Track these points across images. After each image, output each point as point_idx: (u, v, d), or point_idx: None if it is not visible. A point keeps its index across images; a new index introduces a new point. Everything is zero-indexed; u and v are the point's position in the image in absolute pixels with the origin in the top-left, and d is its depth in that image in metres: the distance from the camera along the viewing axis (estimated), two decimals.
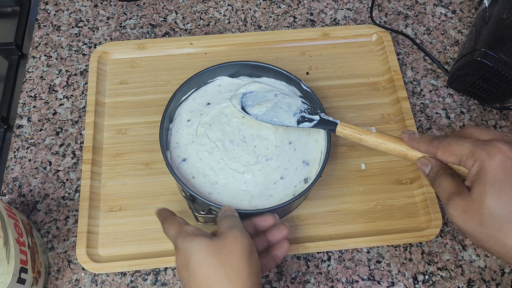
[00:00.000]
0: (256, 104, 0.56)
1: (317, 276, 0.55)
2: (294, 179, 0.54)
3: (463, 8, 0.75)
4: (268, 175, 0.54)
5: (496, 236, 0.35)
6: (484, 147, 0.37)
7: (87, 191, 0.57)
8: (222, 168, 0.54)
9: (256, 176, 0.53)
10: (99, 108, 0.63)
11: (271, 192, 0.53)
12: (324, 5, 0.75)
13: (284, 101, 0.56)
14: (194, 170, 0.54)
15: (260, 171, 0.54)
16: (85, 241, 0.54)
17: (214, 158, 0.54)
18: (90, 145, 0.60)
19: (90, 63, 0.66)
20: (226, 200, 0.52)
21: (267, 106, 0.55)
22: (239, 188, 0.53)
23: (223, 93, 0.59)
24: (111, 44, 0.68)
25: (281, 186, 0.53)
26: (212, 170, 0.54)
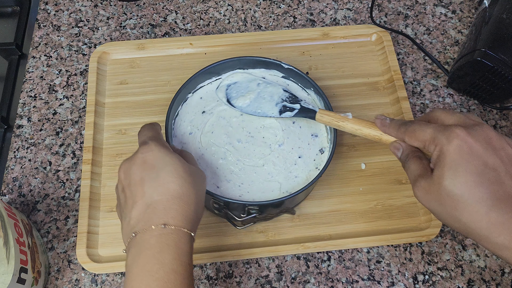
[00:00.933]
0: (240, 96, 0.57)
1: (317, 276, 0.55)
2: (311, 153, 0.55)
3: (463, 8, 0.75)
4: (286, 159, 0.55)
5: (453, 214, 0.38)
6: (443, 132, 0.39)
7: (87, 191, 0.57)
8: (242, 168, 0.54)
9: (276, 164, 0.54)
10: (99, 109, 0.63)
11: (296, 173, 0.54)
12: (324, 5, 0.75)
13: (267, 90, 0.57)
14: (216, 180, 0.54)
15: (278, 158, 0.55)
16: (85, 241, 0.54)
17: (230, 162, 0.54)
18: (90, 145, 0.60)
19: (90, 63, 0.66)
20: (257, 196, 0.53)
21: (250, 98, 0.56)
22: (264, 180, 0.54)
23: (211, 100, 0.59)
24: (111, 44, 0.68)
25: (302, 164, 0.55)
26: (233, 173, 0.54)
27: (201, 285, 0.54)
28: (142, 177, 0.40)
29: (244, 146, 0.55)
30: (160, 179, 0.40)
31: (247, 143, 0.55)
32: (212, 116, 0.57)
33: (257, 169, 0.54)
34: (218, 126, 0.56)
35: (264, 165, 0.54)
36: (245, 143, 0.55)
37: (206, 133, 0.56)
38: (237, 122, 0.56)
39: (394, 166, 0.61)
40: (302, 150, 0.56)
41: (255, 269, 0.55)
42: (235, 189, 0.53)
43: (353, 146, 0.62)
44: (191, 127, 0.57)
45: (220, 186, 0.53)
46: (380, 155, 0.62)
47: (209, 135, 0.56)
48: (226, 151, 0.55)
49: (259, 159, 0.55)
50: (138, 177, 0.40)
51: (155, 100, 0.65)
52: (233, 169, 0.54)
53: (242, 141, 0.55)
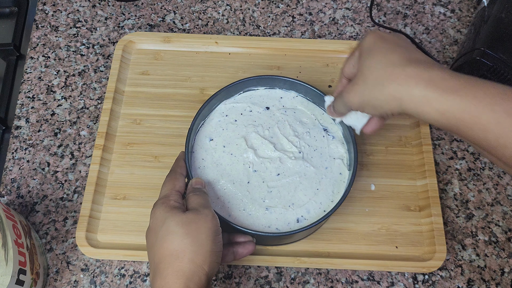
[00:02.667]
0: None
1: (316, 276, 0.55)
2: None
3: (462, 8, 0.75)
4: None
5: (378, 87, 0.40)
6: (361, 40, 0.45)
7: (94, 176, 0.58)
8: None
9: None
10: (117, 96, 0.64)
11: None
12: (323, 5, 0.75)
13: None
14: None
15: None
16: (86, 225, 0.55)
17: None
18: (104, 131, 0.61)
19: (115, 51, 0.66)
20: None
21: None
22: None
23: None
24: (138, 34, 0.68)
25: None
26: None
27: None
28: (151, 243, 0.43)
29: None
30: (158, 241, 0.42)
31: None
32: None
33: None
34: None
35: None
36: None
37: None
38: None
39: (405, 191, 0.59)
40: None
41: (255, 269, 0.55)
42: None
43: (365, 166, 0.61)
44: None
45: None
46: (392, 178, 0.60)
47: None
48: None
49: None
50: (149, 243, 0.44)
51: (173, 94, 0.65)
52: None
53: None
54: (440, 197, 0.59)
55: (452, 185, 0.61)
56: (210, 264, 0.41)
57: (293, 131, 0.56)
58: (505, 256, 0.56)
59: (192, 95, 0.65)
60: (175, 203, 0.45)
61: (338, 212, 0.57)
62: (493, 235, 0.58)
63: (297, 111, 0.58)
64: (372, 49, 0.42)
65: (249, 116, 0.58)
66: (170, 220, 0.42)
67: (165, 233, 0.41)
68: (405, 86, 0.38)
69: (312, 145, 0.56)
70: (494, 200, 0.60)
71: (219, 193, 0.53)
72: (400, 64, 0.39)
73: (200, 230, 0.41)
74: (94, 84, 0.67)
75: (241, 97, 0.59)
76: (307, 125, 0.57)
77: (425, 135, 0.62)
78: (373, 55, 0.42)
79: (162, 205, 0.44)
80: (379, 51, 0.41)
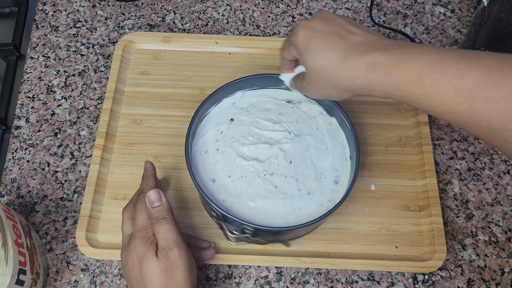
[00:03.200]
0: None
1: (316, 276, 0.55)
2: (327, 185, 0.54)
3: (462, 8, 0.75)
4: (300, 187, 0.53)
5: (330, 85, 0.43)
6: (292, 35, 0.45)
7: (94, 176, 0.58)
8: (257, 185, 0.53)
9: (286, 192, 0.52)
10: (117, 96, 0.64)
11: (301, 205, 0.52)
12: (322, 5, 0.75)
13: None
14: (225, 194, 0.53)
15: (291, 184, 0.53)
16: (86, 225, 0.55)
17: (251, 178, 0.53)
18: (104, 131, 0.61)
19: (115, 51, 0.66)
20: (261, 218, 0.51)
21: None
22: (276, 205, 0.52)
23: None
24: (138, 34, 0.68)
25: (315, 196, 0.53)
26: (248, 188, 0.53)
27: (200, 286, 0.54)
28: (132, 278, 0.45)
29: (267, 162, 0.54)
30: (142, 282, 0.44)
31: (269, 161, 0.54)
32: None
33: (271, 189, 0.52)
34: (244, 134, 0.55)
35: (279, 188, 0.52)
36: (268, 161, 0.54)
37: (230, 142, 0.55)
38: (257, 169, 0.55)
39: (405, 191, 0.59)
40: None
41: (255, 269, 0.55)
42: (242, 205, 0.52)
43: (365, 166, 0.61)
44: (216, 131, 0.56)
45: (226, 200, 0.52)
46: (392, 178, 0.60)
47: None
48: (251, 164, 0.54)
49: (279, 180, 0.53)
50: (131, 276, 0.45)
51: (173, 94, 0.65)
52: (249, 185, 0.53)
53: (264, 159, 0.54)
54: (440, 197, 0.59)
55: (452, 185, 0.61)
56: None
57: (268, 122, 0.55)
58: (505, 256, 0.56)
59: (192, 95, 0.65)
60: (152, 238, 0.45)
61: (338, 212, 0.57)
62: (493, 235, 0.58)
63: (255, 104, 0.57)
64: (309, 47, 0.43)
65: (224, 136, 0.55)
66: (147, 266, 0.43)
67: (147, 278, 0.43)
68: (349, 79, 0.41)
69: (292, 120, 0.55)
70: (494, 200, 0.60)
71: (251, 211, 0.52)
72: (339, 59, 0.41)
73: (175, 275, 0.44)
74: (94, 84, 0.67)
75: (205, 124, 0.57)
76: (272, 108, 0.57)
77: (425, 135, 0.61)
78: (312, 55, 0.42)
79: (142, 240, 0.45)
80: (316, 50, 0.42)
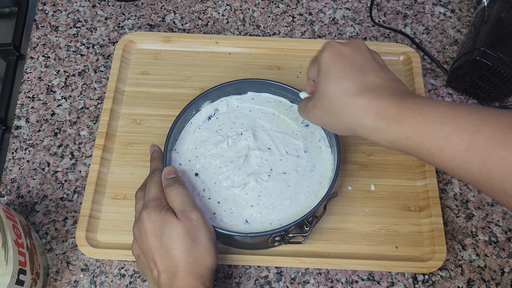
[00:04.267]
0: None
1: (316, 276, 0.55)
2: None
3: (462, 8, 0.75)
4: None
5: (335, 114, 0.42)
6: (320, 51, 0.44)
7: (94, 176, 0.58)
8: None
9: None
10: (117, 96, 0.64)
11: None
12: (322, 5, 0.75)
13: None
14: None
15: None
16: (86, 225, 0.55)
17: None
18: (104, 131, 0.61)
19: (116, 51, 0.66)
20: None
21: None
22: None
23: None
24: (138, 34, 0.68)
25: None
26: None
27: None
28: (150, 247, 0.44)
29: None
30: (163, 248, 0.44)
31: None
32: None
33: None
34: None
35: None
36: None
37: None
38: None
39: (405, 191, 0.59)
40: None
41: (255, 269, 0.55)
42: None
43: (365, 166, 0.60)
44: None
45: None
46: (392, 178, 0.60)
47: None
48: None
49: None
50: (147, 246, 0.44)
51: (174, 94, 0.65)
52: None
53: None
54: (440, 197, 0.59)
55: (452, 185, 0.61)
56: (215, 260, 0.45)
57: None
58: (505, 256, 0.56)
59: (192, 95, 0.65)
60: (167, 206, 0.46)
61: (338, 212, 0.58)
62: (493, 235, 0.58)
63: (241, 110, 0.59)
64: (329, 70, 0.42)
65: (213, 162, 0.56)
66: (170, 229, 0.44)
67: (170, 242, 0.43)
68: (356, 118, 0.40)
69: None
70: (494, 200, 0.60)
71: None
72: (353, 94, 0.40)
73: (200, 237, 0.44)
74: (94, 84, 0.67)
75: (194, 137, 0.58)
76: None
77: None
78: (329, 80, 0.42)
79: (157, 208, 0.45)
80: (334, 76, 0.41)
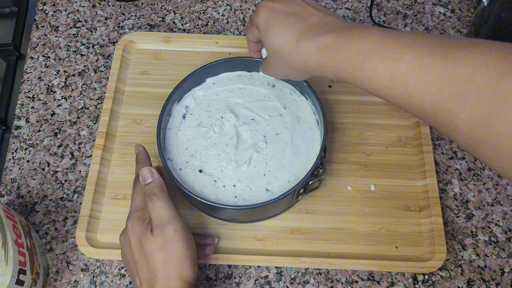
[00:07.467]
0: None
1: (316, 276, 0.55)
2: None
3: (462, 8, 0.75)
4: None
5: (288, 65, 0.44)
6: (253, 13, 0.46)
7: (94, 175, 0.58)
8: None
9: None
10: (118, 96, 0.64)
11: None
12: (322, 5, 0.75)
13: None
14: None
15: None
16: (86, 225, 0.55)
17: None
18: (104, 131, 0.61)
19: (116, 51, 0.66)
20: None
21: None
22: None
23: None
24: (138, 34, 0.68)
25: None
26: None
27: (200, 286, 0.54)
28: (133, 258, 0.45)
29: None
30: (142, 260, 0.44)
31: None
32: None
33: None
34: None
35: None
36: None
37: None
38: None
39: (405, 191, 0.59)
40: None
41: (255, 269, 0.55)
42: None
43: (365, 166, 0.60)
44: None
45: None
46: (392, 178, 0.60)
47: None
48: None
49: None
50: (130, 257, 0.46)
51: None
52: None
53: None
54: (440, 197, 0.59)
55: (452, 185, 0.61)
56: (193, 273, 0.45)
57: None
58: (505, 256, 0.56)
59: None
60: (149, 217, 0.46)
61: (338, 212, 0.58)
62: (493, 235, 0.58)
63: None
64: (267, 28, 0.44)
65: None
66: (145, 244, 0.44)
67: (147, 256, 0.44)
68: (303, 61, 0.42)
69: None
70: (494, 200, 0.60)
71: None
72: (295, 41, 0.42)
73: (175, 251, 0.44)
74: (94, 84, 0.67)
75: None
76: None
77: (425, 135, 0.61)
78: (270, 36, 0.44)
79: (139, 220, 0.46)
80: (273, 31, 0.44)
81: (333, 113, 0.64)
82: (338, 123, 0.63)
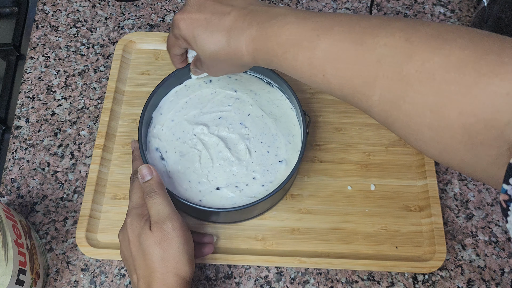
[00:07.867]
0: None
1: (316, 276, 0.55)
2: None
3: (462, 8, 0.75)
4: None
5: (226, 63, 0.44)
6: (173, 28, 0.46)
7: (94, 175, 0.58)
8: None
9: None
10: (118, 96, 0.64)
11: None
12: (323, 5, 0.75)
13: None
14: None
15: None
16: (86, 225, 0.55)
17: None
18: (104, 131, 0.61)
19: (116, 51, 0.66)
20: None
21: None
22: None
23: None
24: (138, 34, 0.68)
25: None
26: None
27: (200, 286, 0.54)
28: (131, 254, 0.46)
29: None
30: (140, 257, 0.45)
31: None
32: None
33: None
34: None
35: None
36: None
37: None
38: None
39: (405, 191, 0.59)
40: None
41: (255, 269, 0.55)
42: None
43: (365, 166, 0.60)
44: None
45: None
46: (392, 178, 0.60)
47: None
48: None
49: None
50: (128, 253, 0.46)
51: None
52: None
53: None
54: (440, 197, 0.59)
55: (452, 185, 0.61)
56: (189, 269, 0.45)
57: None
58: (505, 256, 0.56)
59: None
60: (148, 214, 0.47)
61: (338, 212, 0.58)
62: (493, 235, 0.58)
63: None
64: (195, 36, 0.44)
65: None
66: (144, 240, 0.44)
67: (145, 252, 0.44)
68: (238, 59, 0.42)
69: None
70: (494, 200, 0.60)
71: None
72: (224, 42, 0.42)
73: (172, 248, 0.44)
74: (94, 84, 0.67)
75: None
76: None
77: None
78: (201, 44, 0.43)
79: (137, 217, 0.46)
80: (202, 38, 0.43)
81: (333, 113, 0.64)
82: (338, 123, 0.63)
